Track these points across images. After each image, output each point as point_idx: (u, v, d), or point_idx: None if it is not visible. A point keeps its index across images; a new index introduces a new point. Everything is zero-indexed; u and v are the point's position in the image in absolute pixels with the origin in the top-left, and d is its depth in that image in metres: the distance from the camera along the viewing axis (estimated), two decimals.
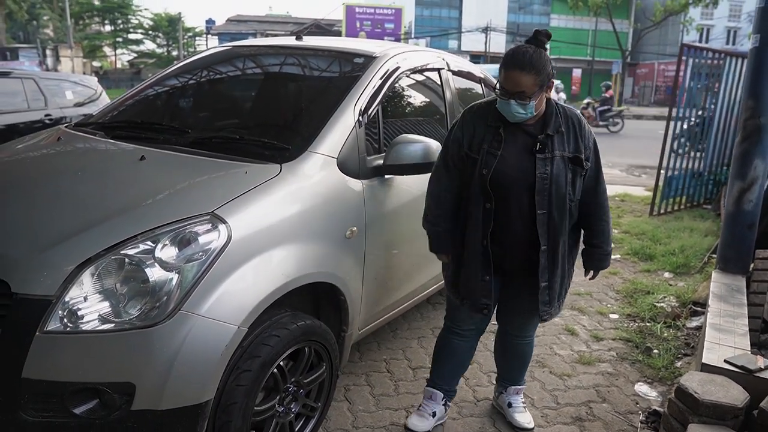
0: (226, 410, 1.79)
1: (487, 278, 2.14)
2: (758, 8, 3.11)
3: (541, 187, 2.01)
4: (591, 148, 2.11)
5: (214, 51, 3.24)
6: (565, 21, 42.58)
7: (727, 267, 3.32)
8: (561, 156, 2.03)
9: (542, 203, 2.03)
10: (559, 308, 2.25)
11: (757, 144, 3.17)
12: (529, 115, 2.00)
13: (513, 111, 1.99)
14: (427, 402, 2.47)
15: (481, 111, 2.14)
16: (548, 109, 2.07)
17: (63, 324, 1.60)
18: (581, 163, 2.07)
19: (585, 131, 2.10)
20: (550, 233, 2.06)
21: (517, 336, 2.43)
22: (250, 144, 2.24)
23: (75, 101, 7.87)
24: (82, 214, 1.83)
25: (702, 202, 6.74)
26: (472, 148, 2.08)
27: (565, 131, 2.06)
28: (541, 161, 2.01)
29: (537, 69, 1.94)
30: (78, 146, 2.45)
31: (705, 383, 2.04)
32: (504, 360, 2.54)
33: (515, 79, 1.94)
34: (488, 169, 2.03)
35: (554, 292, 2.16)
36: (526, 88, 1.93)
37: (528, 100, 1.95)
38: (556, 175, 2.02)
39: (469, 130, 2.11)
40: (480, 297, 2.17)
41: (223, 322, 1.71)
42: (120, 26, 44.43)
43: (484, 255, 2.11)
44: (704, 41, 38.68)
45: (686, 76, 6.19)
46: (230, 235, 1.77)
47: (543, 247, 2.07)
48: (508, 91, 1.96)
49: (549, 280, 2.12)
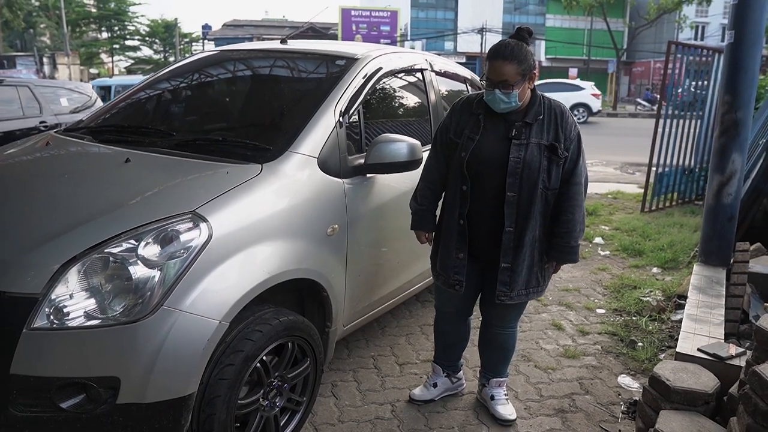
0: (210, 403, 1.85)
1: (461, 255, 2.27)
2: (733, 5, 3.18)
3: (513, 170, 2.12)
4: (573, 139, 2.18)
5: (200, 56, 3.31)
6: (560, 21, 42.74)
7: (708, 260, 3.37)
8: (537, 143, 2.14)
9: (513, 186, 2.13)
10: (526, 295, 2.28)
11: (735, 138, 3.23)
12: (513, 104, 2.12)
13: (498, 100, 2.11)
14: (431, 375, 2.70)
15: (469, 101, 2.30)
16: (532, 99, 2.19)
17: (50, 321, 1.66)
18: (557, 152, 2.15)
19: (567, 123, 2.18)
20: (518, 215, 2.16)
21: (499, 326, 2.50)
22: (232, 145, 2.30)
23: (70, 108, 7.93)
24: (67, 214, 1.89)
25: (693, 198, 6.78)
26: (456, 134, 2.26)
27: (546, 120, 2.16)
28: (515, 146, 2.13)
29: (518, 59, 2.07)
30: (66, 150, 2.51)
31: (677, 371, 2.09)
32: (487, 351, 2.60)
33: (498, 68, 2.07)
34: (466, 152, 2.18)
35: (517, 275, 2.21)
36: (509, 76, 2.06)
37: (511, 89, 2.08)
38: (529, 160, 2.12)
39: (456, 118, 2.29)
40: (453, 273, 2.30)
41: (204, 317, 1.77)
42: (117, 33, 44.51)
43: (459, 234, 2.25)
44: (699, 39, 38.76)
45: (680, 73, 6.25)
46: (211, 232, 1.83)
47: (508, 228, 2.17)
48: (492, 81, 2.10)
49: (512, 262, 2.20)
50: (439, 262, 2.36)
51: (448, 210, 2.30)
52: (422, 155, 2.50)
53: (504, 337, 2.52)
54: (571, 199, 2.21)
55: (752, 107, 3.26)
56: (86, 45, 41.34)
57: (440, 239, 2.36)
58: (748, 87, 3.16)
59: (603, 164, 10.81)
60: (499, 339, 2.53)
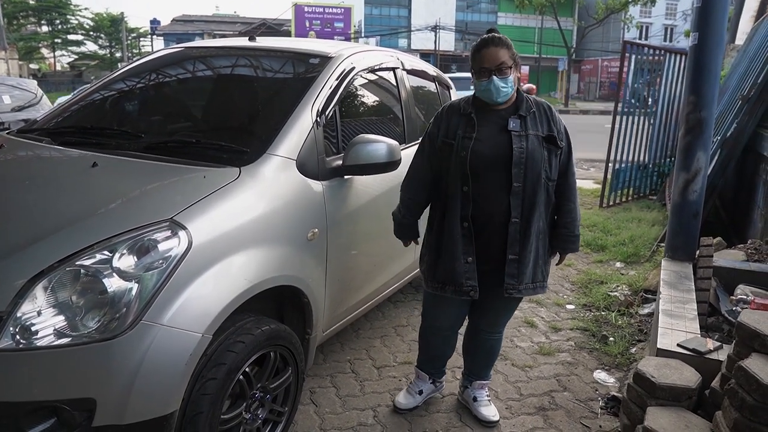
0: (192, 420, 1.75)
1: (470, 259, 2.18)
2: (696, 8, 3.26)
3: (517, 160, 2.10)
4: (564, 133, 2.23)
5: (165, 52, 3.15)
6: (512, 19, 43.47)
7: (675, 255, 3.46)
8: (535, 135, 2.14)
9: (518, 176, 2.11)
10: (533, 289, 2.24)
11: (699, 136, 3.32)
12: (510, 89, 2.12)
13: (497, 87, 2.09)
14: (414, 381, 2.64)
15: (455, 105, 2.27)
16: (518, 95, 2.21)
17: (15, 341, 1.53)
18: (556, 142, 2.17)
19: (555, 117, 2.22)
20: (523, 206, 2.14)
21: (489, 332, 2.49)
22: (208, 148, 2.20)
23: (13, 106, 7.49)
24: (32, 225, 1.75)
25: (648, 193, 7.01)
26: (449, 137, 2.20)
27: (537, 114, 2.18)
28: (516, 137, 2.12)
29: (507, 45, 2.13)
30: (23, 154, 2.34)
31: (660, 367, 2.12)
32: (472, 355, 2.58)
33: (493, 54, 2.09)
34: (466, 150, 2.13)
35: (524, 267, 2.17)
36: (506, 59, 2.09)
37: (508, 73, 2.09)
38: (531, 150, 2.11)
39: (444, 123, 2.23)
40: (465, 280, 2.19)
41: (186, 330, 1.67)
42: (58, 27, 42.48)
43: (464, 237, 2.17)
44: (644, 38, 40.19)
45: (629, 72, 6.43)
46: (191, 241, 1.73)
47: (514, 219, 2.13)
48: (488, 69, 2.09)
49: (519, 254, 2.16)
50: (444, 271, 2.22)
51: (448, 215, 2.20)
52: (400, 156, 2.46)
53: (492, 342, 2.52)
54: (570, 188, 2.26)
55: (715, 106, 3.36)
56: (25, 39, 39.31)
57: (441, 247, 2.24)
58: (711, 87, 3.25)
59: None
60: (488, 344, 2.52)
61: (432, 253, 2.29)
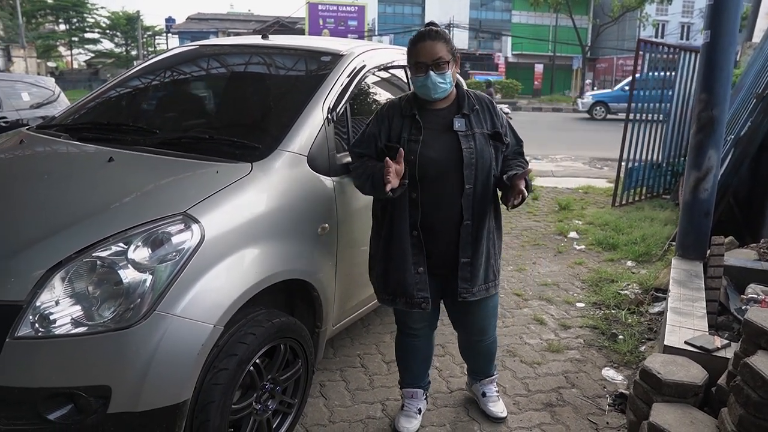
0: (204, 409, 1.80)
1: (422, 269, 2.11)
2: (708, 5, 3.25)
3: (468, 162, 2.04)
4: (506, 125, 2.20)
5: (179, 50, 3.21)
6: (526, 17, 43.24)
7: (685, 254, 3.45)
8: (481, 133, 2.09)
9: (470, 178, 2.05)
10: (486, 290, 2.18)
11: (711, 135, 3.31)
12: (449, 86, 2.05)
13: (434, 83, 2.02)
14: (409, 401, 2.48)
15: (394, 105, 2.17)
16: (459, 92, 2.16)
17: (34, 329, 1.59)
18: (501, 139, 2.13)
19: (497, 110, 2.19)
20: (474, 207, 2.08)
21: (480, 339, 2.43)
22: (220, 143, 2.24)
23: (31, 103, 7.63)
24: (50, 217, 1.81)
25: (661, 192, 6.95)
26: (391, 139, 2.10)
27: (480, 110, 2.14)
28: (464, 138, 2.06)
29: (445, 38, 2.05)
30: (42, 149, 2.41)
31: (667, 364, 2.13)
32: (472, 359, 2.56)
33: (430, 48, 2.01)
34: (414, 155, 2.04)
35: (476, 270, 2.13)
36: (442, 53, 2.01)
37: (446, 68, 2.02)
38: (480, 150, 2.07)
39: (385, 124, 2.13)
40: (416, 291, 2.12)
41: (198, 321, 1.72)
42: (75, 25, 43.00)
43: (414, 246, 2.10)
44: (660, 36, 39.78)
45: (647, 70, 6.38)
46: (203, 234, 1.78)
47: (466, 221, 2.08)
48: (424, 63, 2.01)
49: (471, 256, 2.11)
50: (393, 282, 2.15)
51: (395, 224, 2.11)
52: None
53: (488, 346, 2.47)
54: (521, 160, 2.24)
55: (727, 105, 3.35)
56: (43, 37, 39.84)
57: (389, 258, 2.14)
58: (723, 85, 3.24)
59: (572, 159, 11.00)
60: (483, 349, 2.47)
61: (381, 264, 2.19)
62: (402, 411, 2.48)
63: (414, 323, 2.36)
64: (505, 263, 4.67)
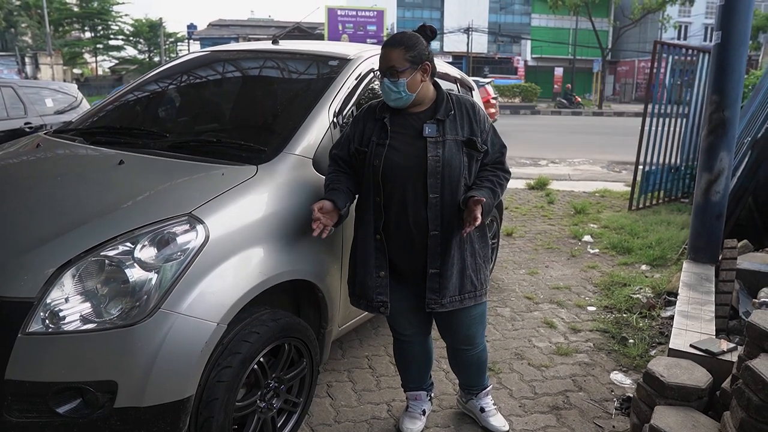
0: (208, 406, 1.84)
1: (383, 274, 2.10)
2: (720, 6, 3.22)
3: (433, 170, 2.00)
4: (488, 131, 2.13)
5: (191, 56, 3.29)
6: (546, 20, 43.02)
7: (697, 257, 3.42)
8: (454, 140, 2.04)
9: (435, 186, 2.01)
10: (460, 302, 2.12)
11: (722, 137, 3.28)
12: (402, 94, 2.01)
13: (387, 90, 2.02)
14: (414, 403, 2.48)
15: (371, 108, 2.16)
16: (438, 95, 2.11)
17: (45, 325, 1.64)
18: (476, 146, 2.07)
19: (479, 116, 2.12)
20: (443, 217, 2.03)
21: (467, 348, 2.36)
22: (227, 146, 2.29)
23: (55, 109, 7.84)
24: (61, 217, 1.87)
25: (679, 195, 6.86)
26: (362, 143, 2.10)
27: (457, 116, 2.08)
28: (432, 144, 2.01)
29: (406, 45, 2.00)
30: (57, 152, 2.49)
31: (671, 367, 2.12)
32: (463, 371, 2.48)
33: (386, 55, 2.01)
34: (379, 159, 2.03)
35: (446, 281, 2.07)
36: (395, 62, 1.98)
37: (398, 77, 1.98)
38: (449, 158, 2.01)
39: (359, 127, 2.13)
40: (375, 295, 2.12)
41: (202, 319, 1.76)
42: (100, 33, 43.95)
43: (377, 250, 2.09)
44: (682, 38, 39.22)
45: (665, 72, 6.32)
46: (208, 234, 1.82)
47: (434, 232, 2.04)
48: (381, 70, 2.02)
49: (440, 267, 2.07)
50: (358, 284, 2.17)
51: (362, 227, 2.13)
52: None
53: (477, 356, 2.39)
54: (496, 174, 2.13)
55: (739, 106, 3.31)
56: (69, 45, 40.77)
57: (356, 260, 2.17)
58: (735, 86, 3.21)
59: (590, 163, 10.91)
60: (473, 359, 2.39)
61: (351, 265, 2.23)
62: (406, 412, 2.49)
63: (402, 329, 2.35)
64: (517, 266, 4.67)
